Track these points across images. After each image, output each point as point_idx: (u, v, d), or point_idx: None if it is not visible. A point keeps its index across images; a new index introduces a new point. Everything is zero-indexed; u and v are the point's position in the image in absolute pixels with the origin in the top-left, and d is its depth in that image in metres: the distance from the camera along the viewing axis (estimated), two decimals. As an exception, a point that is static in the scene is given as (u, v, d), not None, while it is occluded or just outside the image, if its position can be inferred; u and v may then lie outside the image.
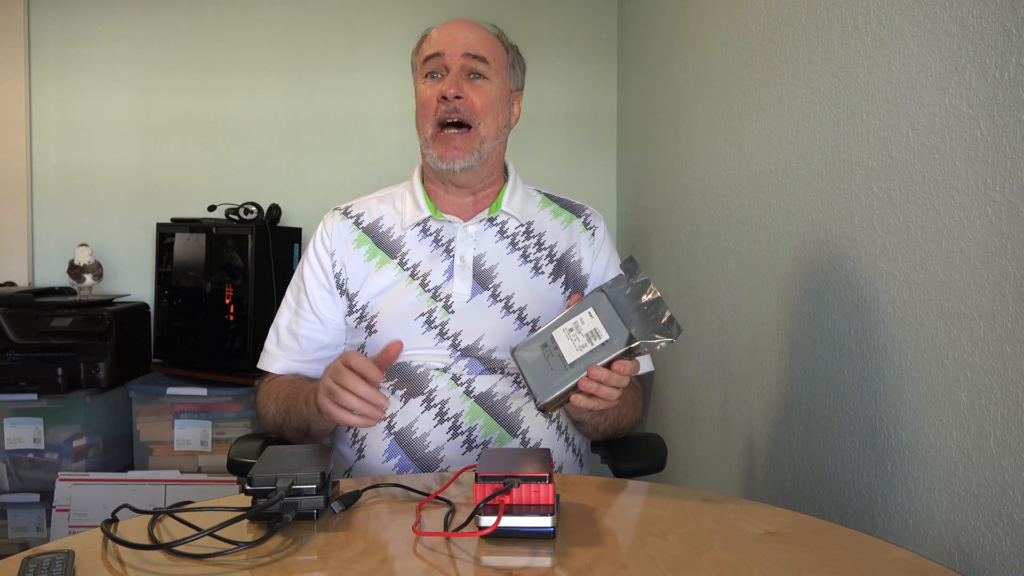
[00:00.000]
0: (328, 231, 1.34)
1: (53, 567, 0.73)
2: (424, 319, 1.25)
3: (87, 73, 2.86)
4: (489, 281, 1.28)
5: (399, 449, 1.23)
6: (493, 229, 1.32)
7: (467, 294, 1.27)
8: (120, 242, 2.86)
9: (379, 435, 1.24)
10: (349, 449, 1.29)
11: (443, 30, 1.30)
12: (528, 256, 1.32)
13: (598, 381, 0.99)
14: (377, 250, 1.31)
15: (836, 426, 1.25)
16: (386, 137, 2.89)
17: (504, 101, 1.31)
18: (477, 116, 1.26)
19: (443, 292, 1.27)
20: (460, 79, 1.26)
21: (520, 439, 1.25)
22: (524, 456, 0.92)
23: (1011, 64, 0.87)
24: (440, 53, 1.26)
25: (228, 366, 2.51)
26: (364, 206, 1.36)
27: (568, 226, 1.36)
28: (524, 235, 1.33)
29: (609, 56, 2.91)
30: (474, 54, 1.26)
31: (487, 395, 1.24)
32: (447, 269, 1.28)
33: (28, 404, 2.40)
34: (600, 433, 1.31)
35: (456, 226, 1.31)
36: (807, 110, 1.35)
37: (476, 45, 1.27)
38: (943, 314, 0.99)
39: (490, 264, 1.29)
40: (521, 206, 1.35)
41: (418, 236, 1.31)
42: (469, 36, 1.28)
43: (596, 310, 1.02)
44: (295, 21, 2.89)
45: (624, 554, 0.79)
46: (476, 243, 1.30)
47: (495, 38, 1.32)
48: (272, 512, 0.85)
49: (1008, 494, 0.89)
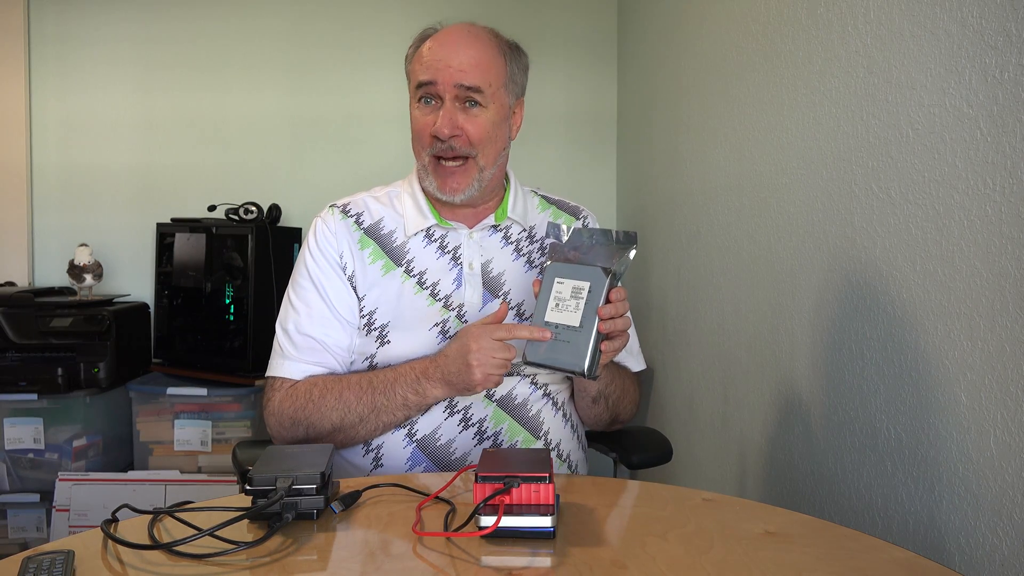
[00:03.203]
0: (330, 228, 1.28)
1: (53, 567, 0.73)
2: (439, 329, 1.23)
3: (87, 73, 2.86)
4: (499, 288, 1.27)
5: (423, 456, 1.21)
6: (498, 235, 1.31)
7: (479, 303, 1.25)
8: (120, 242, 2.85)
9: (399, 443, 1.21)
10: (362, 459, 1.23)
11: (436, 49, 1.22)
12: (533, 261, 1.31)
13: (611, 317, 1.05)
14: (381, 254, 1.27)
15: (836, 426, 1.25)
16: (386, 137, 2.89)
17: (502, 123, 1.26)
18: (475, 148, 1.22)
19: (454, 301, 1.25)
20: (454, 111, 1.20)
21: (543, 441, 1.25)
22: (524, 456, 0.92)
23: (1011, 64, 0.87)
24: (432, 82, 1.20)
25: (228, 366, 2.51)
26: (362, 205, 1.31)
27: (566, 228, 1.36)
28: (528, 240, 1.32)
29: (609, 56, 2.91)
30: (468, 85, 1.19)
31: (508, 399, 1.23)
32: (456, 277, 1.26)
33: (28, 404, 2.39)
34: (609, 410, 1.31)
35: (461, 233, 1.29)
36: (807, 110, 1.35)
37: (470, 73, 1.20)
38: (943, 314, 0.99)
39: (497, 271, 1.28)
40: (524, 211, 1.34)
41: (423, 243, 1.28)
42: (463, 61, 1.20)
43: (560, 276, 1.08)
44: (295, 21, 2.89)
45: (624, 554, 0.79)
46: (482, 249, 1.29)
47: (493, 52, 1.24)
48: (272, 512, 0.85)
49: (1008, 494, 0.89)
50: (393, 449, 1.22)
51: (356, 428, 1.19)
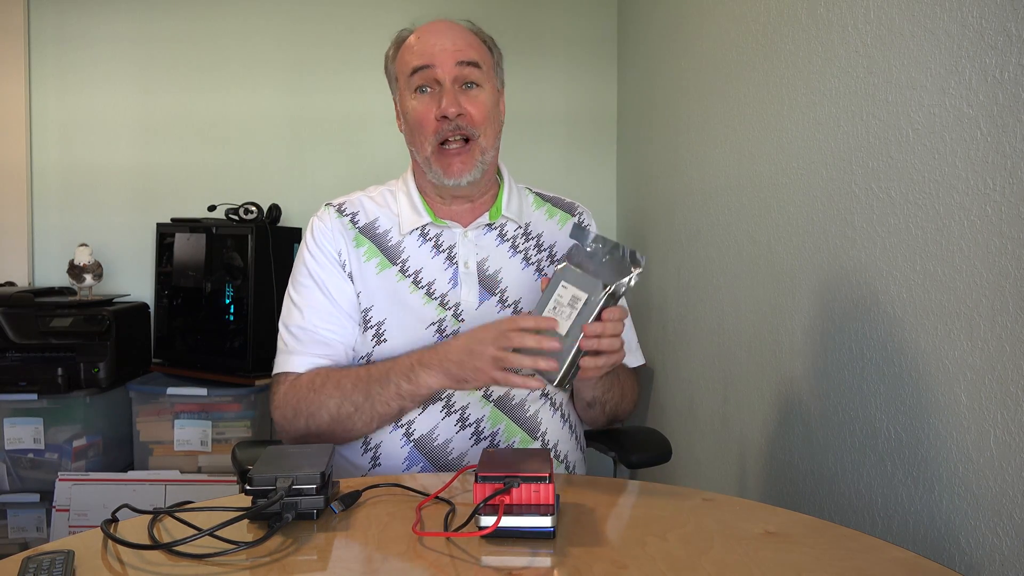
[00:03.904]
0: (327, 226, 1.28)
1: (53, 567, 0.73)
2: (435, 328, 1.23)
3: (87, 73, 2.86)
4: (495, 287, 1.27)
5: (420, 456, 1.21)
6: (493, 233, 1.31)
7: (475, 301, 1.25)
8: (120, 242, 2.86)
9: (396, 442, 1.21)
10: (361, 458, 1.24)
11: (425, 37, 1.23)
12: (530, 259, 1.31)
13: (596, 336, 1.01)
14: (376, 251, 1.27)
15: (836, 426, 1.25)
16: (386, 137, 2.88)
17: (496, 105, 1.28)
18: (477, 128, 1.23)
19: (450, 300, 1.25)
20: (456, 93, 1.21)
21: (540, 441, 1.25)
22: (524, 456, 0.92)
23: (1011, 64, 0.87)
24: (429, 65, 1.21)
25: (228, 366, 2.51)
26: (357, 205, 1.31)
27: (564, 226, 1.36)
28: (523, 237, 1.32)
29: (609, 56, 2.91)
30: (467, 60, 1.21)
31: (506, 399, 1.23)
32: (452, 276, 1.26)
33: (28, 404, 2.39)
34: (606, 415, 1.31)
35: (456, 231, 1.29)
36: (807, 110, 1.35)
37: (467, 50, 1.22)
38: (943, 314, 0.99)
39: (494, 269, 1.28)
40: (519, 208, 1.34)
41: (417, 241, 1.28)
42: (457, 41, 1.22)
43: (566, 280, 1.06)
44: (295, 21, 2.89)
45: (624, 554, 0.79)
46: (478, 248, 1.28)
47: (476, 37, 1.27)
48: (272, 512, 0.85)
49: (1008, 494, 0.89)
50: (391, 448, 1.21)
51: (352, 419, 1.18)
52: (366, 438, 1.23)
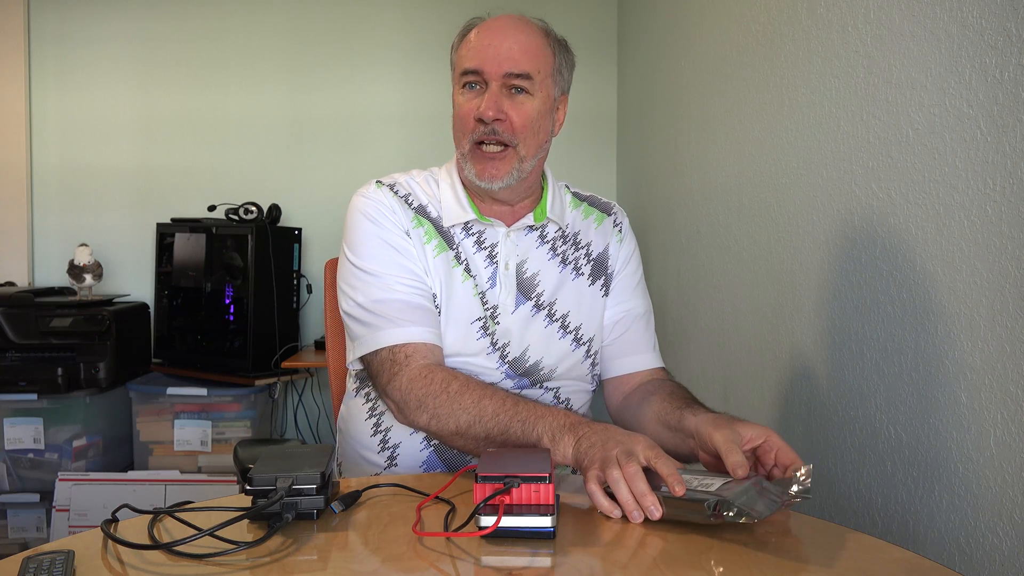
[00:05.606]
0: (385, 201, 1.22)
1: (53, 567, 0.73)
2: (480, 324, 1.20)
3: (87, 73, 2.86)
4: (532, 291, 1.25)
5: (439, 461, 1.18)
6: (534, 234, 1.28)
7: (512, 305, 1.23)
8: (120, 242, 2.86)
9: (416, 445, 1.19)
10: (377, 456, 1.21)
11: (485, 37, 1.18)
12: (567, 259, 1.28)
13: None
14: (435, 233, 1.22)
15: (836, 426, 1.25)
16: (386, 137, 2.89)
17: (546, 115, 1.22)
18: (516, 136, 1.18)
19: (489, 301, 1.22)
20: (500, 96, 1.17)
21: None
22: (524, 456, 0.92)
23: (1011, 64, 0.87)
24: (479, 70, 1.17)
25: (228, 366, 2.51)
26: (407, 186, 1.25)
27: (601, 225, 1.34)
28: (561, 239, 1.30)
29: (609, 56, 2.91)
30: (516, 72, 1.16)
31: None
32: (491, 276, 1.23)
33: (28, 404, 2.40)
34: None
35: (500, 231, 1.25)
36: (807, 110, 1.35)
37: (520, 60, 1.17)
38: (943, 314, 0.99)
39: (532, 272, 1.26)
40: (561, 210, 1.31)
41: (461, 234, 1.24)
42: (513, 48, 1.17)
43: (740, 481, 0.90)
44: (295, 21, 2.89)
45: (624, 554, 0.79)
46: (519, 249, 1.26)
47: (541, 40, 1.21)
48: (272, 512, 0.85)
49: (1008, 494, 0.89)
50: (410, 450, 1.19)
51: (478, 442, 1.09)
52: (385, 436, 1.21)
